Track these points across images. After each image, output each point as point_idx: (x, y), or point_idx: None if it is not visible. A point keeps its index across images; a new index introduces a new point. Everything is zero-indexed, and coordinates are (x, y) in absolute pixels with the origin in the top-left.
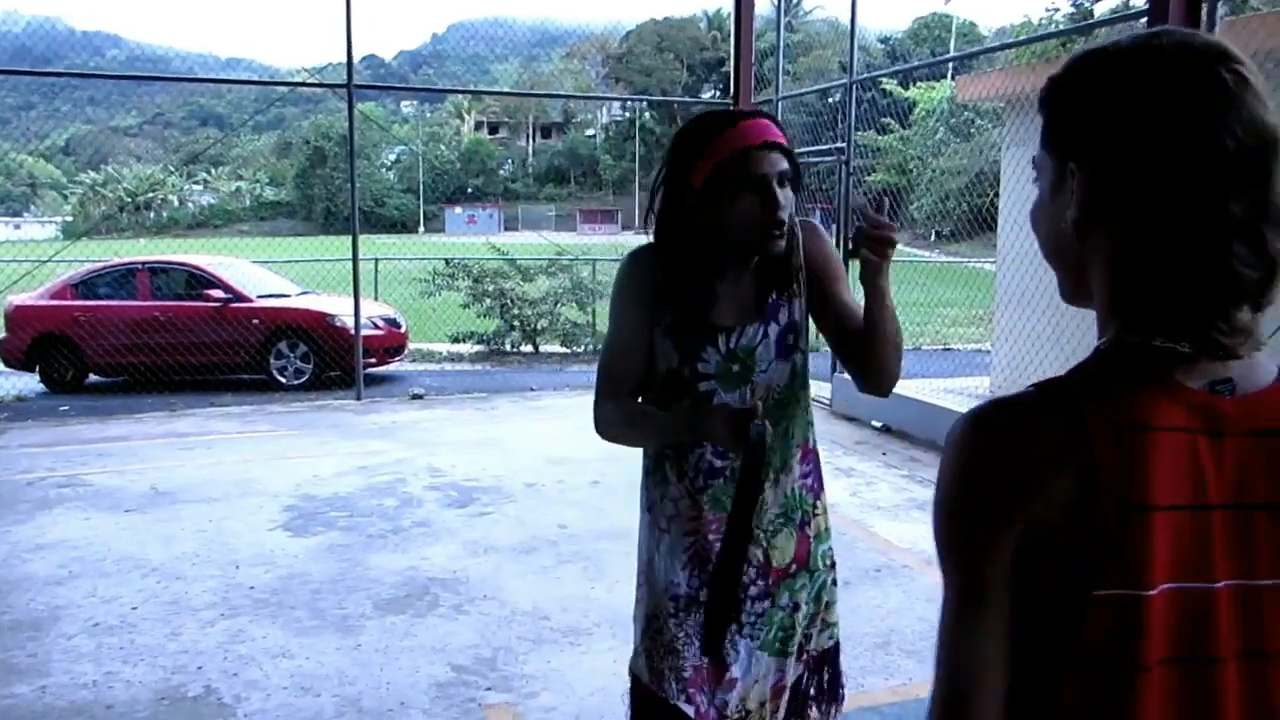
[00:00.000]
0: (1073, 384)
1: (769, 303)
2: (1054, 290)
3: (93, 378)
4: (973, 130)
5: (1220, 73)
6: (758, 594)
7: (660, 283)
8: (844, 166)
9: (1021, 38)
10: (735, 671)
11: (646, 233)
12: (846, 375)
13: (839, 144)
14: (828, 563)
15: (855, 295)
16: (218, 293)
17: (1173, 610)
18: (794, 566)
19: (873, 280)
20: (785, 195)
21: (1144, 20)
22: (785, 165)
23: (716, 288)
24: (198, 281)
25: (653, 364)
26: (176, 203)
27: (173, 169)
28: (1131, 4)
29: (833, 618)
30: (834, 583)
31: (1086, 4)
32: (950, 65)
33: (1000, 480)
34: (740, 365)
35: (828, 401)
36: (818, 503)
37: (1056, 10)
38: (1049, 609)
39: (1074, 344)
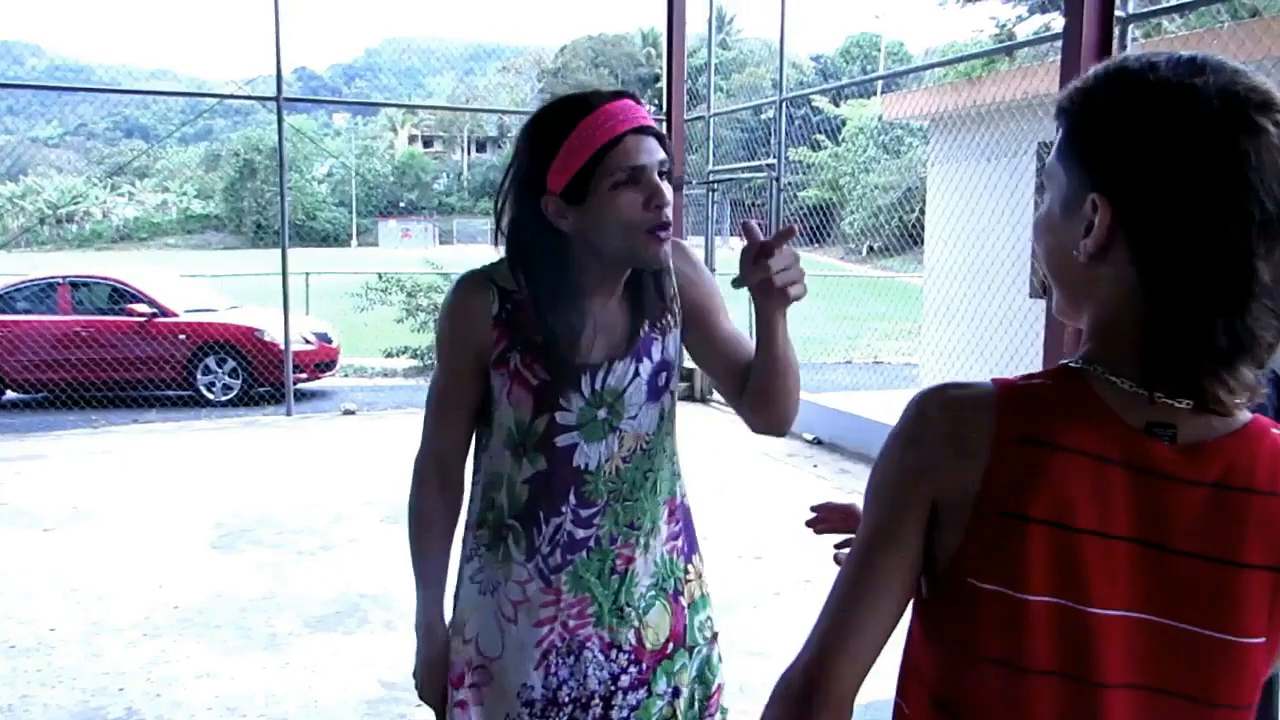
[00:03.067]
0: (1012, 388)
1: (640, 335)
2: (977, 306)
3: (10, 395)
4: (901, 147)
5: (1265, 125)
6: (630, 683)
7: (506, 313)
8: (775, 182)
9: (947, 57)
10: None
11: (497, 250)
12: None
13: (770, 160)
14: (708, 635)
15: (739, 322)
16: (142, 307)
17: (1053, 623)
18: (670, 645)
19: (764, 315)
20: (667, 189)
21: (1060, 43)
22: (662, 154)
23: (584, 315)
24: (121, 296)
25: (488, 415)
26: (100, 215)
27: (96, 181)
28: (1050, 27)
29: (724, 702)
30: (719, 659)
31: (1009, 26)
32: (879, 83)
33: (919, 450)
34: (608, 410)
35: None
36: (689, 567)
37: (981, 32)
38: (946, 587)
39: (997, 357)
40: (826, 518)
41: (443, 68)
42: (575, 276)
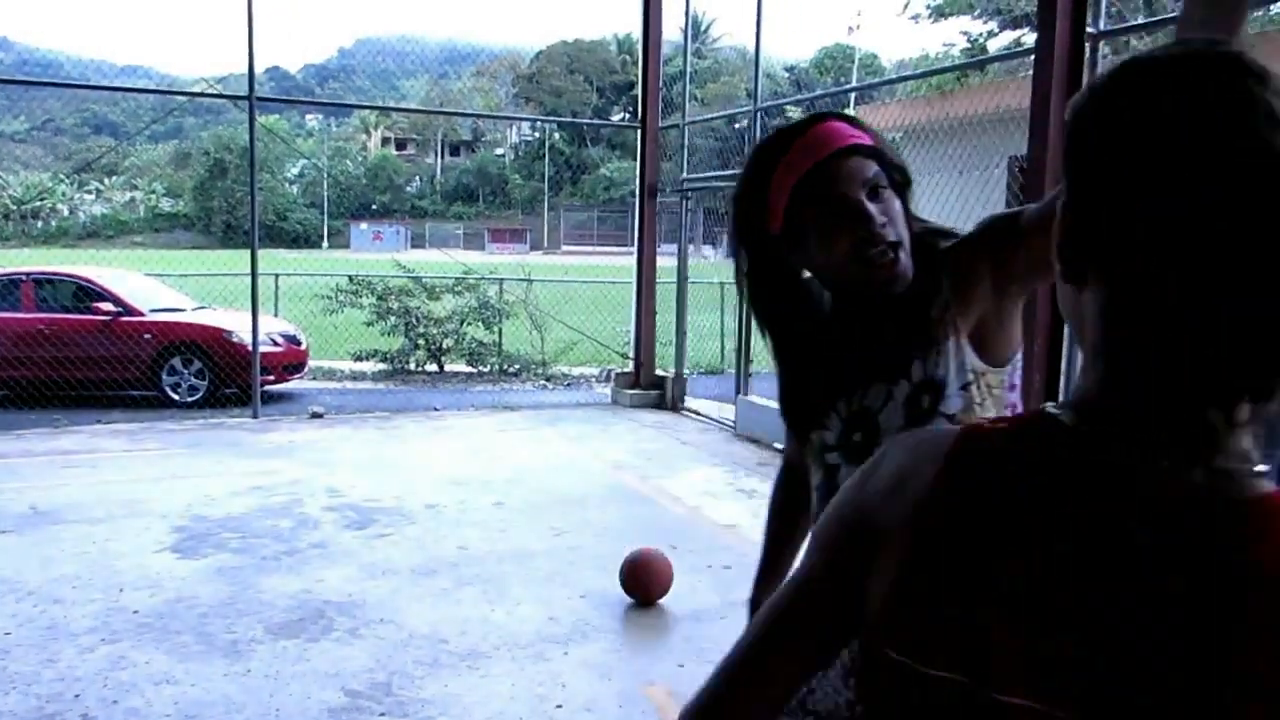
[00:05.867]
0: (975, 432)
1: (896, 358)
2: None
3: None
4: None
5: (1243, 85)
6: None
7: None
8: None
9: (919, 70)
10: None
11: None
12: (750, 397)
13: None
14: None
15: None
16: (107, 306)
17: (954, 702)
18: None
19: None
20: (881, 207)
21: (1031, 59)
22: (873, 169)
23: (831, 353)
24: (86, 294)
25: None
26: (66, 212)
27: (63, 177)
28: (1021, 42)
29: None
30: None
31: (980, 40)
32: (852, 95)
33: (864, 493)
34: (862, 434)
35: (732, 423)
36: None
37: (953, 46)
38: (865, 652)
39: None
40: None
41: (417, 70)
42: (819, 315)
